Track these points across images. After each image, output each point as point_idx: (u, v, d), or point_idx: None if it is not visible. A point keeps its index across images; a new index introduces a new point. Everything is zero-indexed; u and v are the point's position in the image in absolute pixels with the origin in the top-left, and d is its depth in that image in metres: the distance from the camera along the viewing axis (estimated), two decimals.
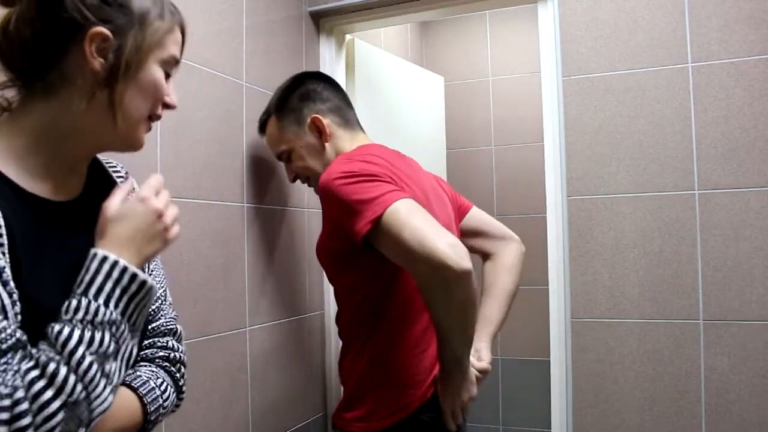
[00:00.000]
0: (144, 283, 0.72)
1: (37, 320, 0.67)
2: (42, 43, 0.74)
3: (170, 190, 0.81)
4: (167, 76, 0.82)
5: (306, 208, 2.10)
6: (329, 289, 2.18)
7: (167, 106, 0.84)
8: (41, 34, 0.73)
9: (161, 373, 0.89)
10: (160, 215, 0.76)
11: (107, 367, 0.68)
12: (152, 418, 0.85)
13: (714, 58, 1.71)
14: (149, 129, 0.84)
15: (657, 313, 1.75)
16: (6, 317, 0.64)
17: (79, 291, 0.69)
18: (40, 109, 0.75)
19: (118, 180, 0.91)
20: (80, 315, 0.67)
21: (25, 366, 0.63)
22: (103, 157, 0.92)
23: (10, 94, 0.79)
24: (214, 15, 1.70)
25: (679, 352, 1.73)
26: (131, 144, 0.82)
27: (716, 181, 1.70)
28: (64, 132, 0.76)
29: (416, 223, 1.16)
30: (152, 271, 0.92)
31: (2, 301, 0.64)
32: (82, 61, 0.74)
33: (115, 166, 0.94)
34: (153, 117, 0.83)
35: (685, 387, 1.72)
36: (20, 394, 0.61)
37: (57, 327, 0.66)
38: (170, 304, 0.99)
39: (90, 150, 0.83)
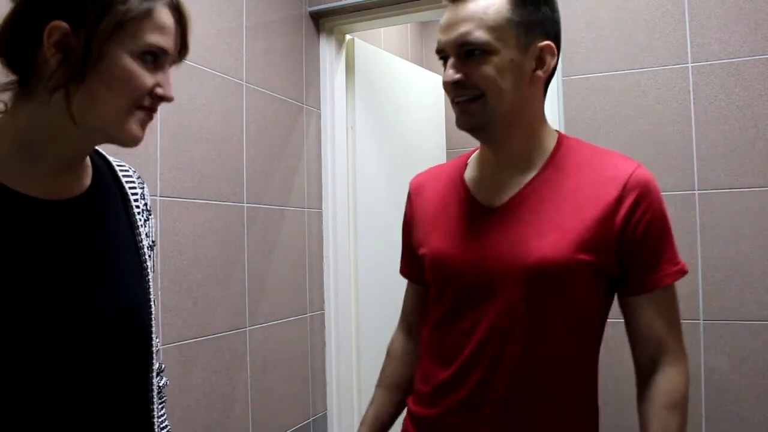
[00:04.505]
0: None
1: (16, 317, 0.65)
2: (19, 43, 0.71)
3: (170, 190, 0.78)
4: (159, 66, 0.73)
5: (306, 208, 2.10)
6: (329, 289, 2.17)
7: (162, 98, 0.74)
8: (19, 33, 0.71)
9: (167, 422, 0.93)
10: None
11: None
12: None
13: (714, 58, 1.71)
14: (145, 120, 0.75)
15: None
16: None
17: None
18: (23, 110, 0.73)
19: (127, 185, 0.87)
20: None
21: None
22: (116, 160, 0.88)
23: (7, 96, 0.77)
24: (214, 15, 1.70)
25: None
26: (119, 138, 0.73)
27: (716, 181, 1.70)
28: (45, 132, 0.72)
29: None
30: (149, 279, 0.90)
31: None
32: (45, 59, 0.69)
33: (128, 171, 0.89)
34: (142, 108, 0.74)
35: None
36: None
37: None
38: None
39: (81, 147, 0.77)
